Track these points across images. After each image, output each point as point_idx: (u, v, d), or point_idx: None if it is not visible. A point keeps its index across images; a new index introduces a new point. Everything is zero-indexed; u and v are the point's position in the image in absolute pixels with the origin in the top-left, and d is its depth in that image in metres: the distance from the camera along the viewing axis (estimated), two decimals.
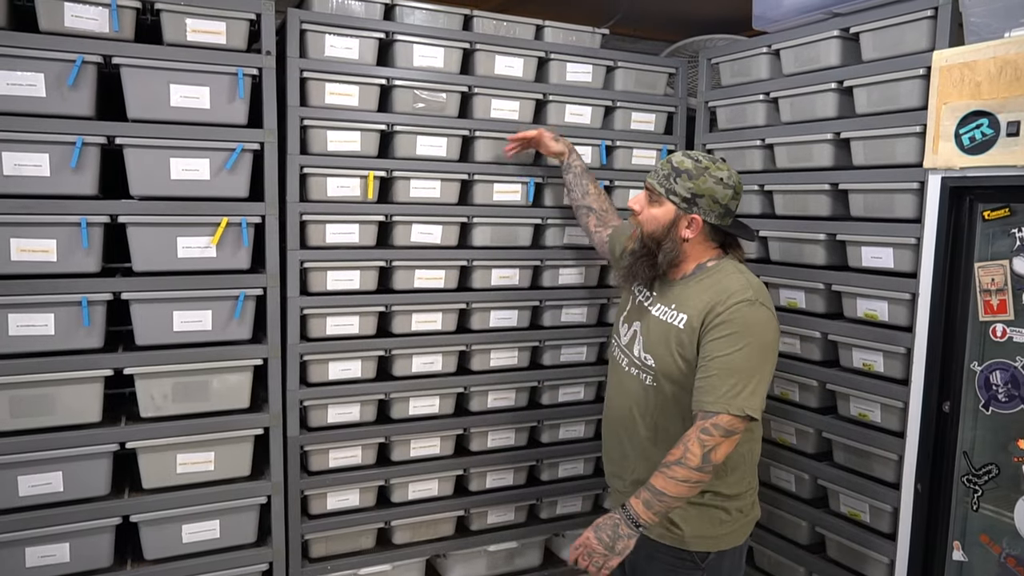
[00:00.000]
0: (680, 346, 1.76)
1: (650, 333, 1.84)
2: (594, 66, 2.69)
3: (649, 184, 1.84)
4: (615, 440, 1.96)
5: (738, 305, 1.70)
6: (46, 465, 2.04)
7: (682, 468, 1.65)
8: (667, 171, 1.81)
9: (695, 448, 1.65)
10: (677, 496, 1.66)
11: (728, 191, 1.79)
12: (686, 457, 1.65)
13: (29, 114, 1.96)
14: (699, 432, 1.66)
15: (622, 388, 1.92)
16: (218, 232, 2.15)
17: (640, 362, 1.86)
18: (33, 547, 2.04)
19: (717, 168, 1.79)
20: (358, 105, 2.35)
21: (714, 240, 1.85)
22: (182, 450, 2.18)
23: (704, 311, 1.73)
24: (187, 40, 2.11)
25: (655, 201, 1.82)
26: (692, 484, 1.66)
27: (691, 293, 1.79)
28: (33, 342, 2.01)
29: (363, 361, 2.42)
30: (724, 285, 1.76)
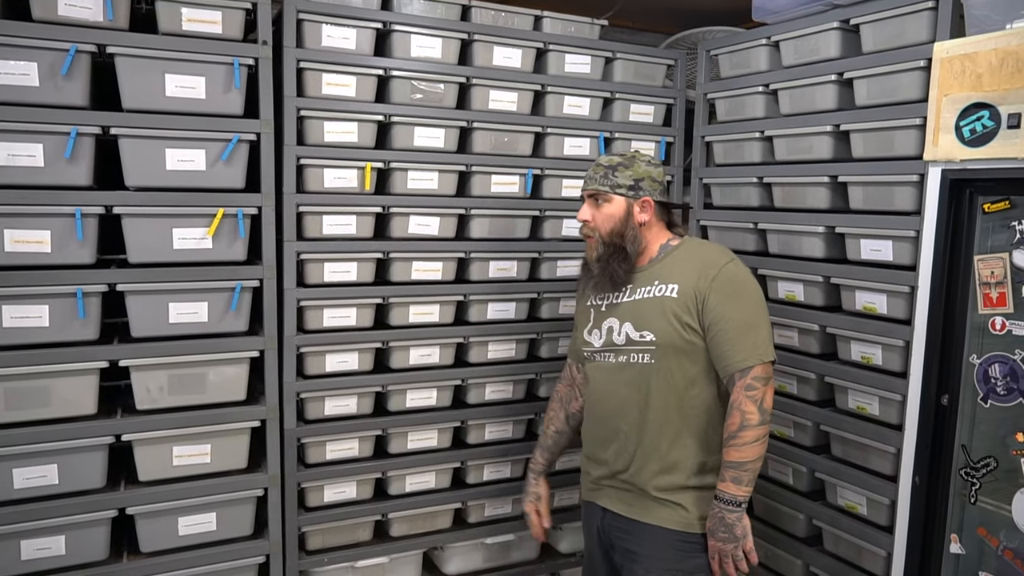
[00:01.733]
0: (678, 312, 1.82)
1: (640, 313, 1.87)
2: (593, 57, 2.67)
3: (591, 190, 1.91)
4: (611, 436, 1.94)
5: (726, 267, 1.82)
6: (41, 457, 2.03)
7: (749, 430, 1.75)
8: (602, 172, 1.90)
9: (749, 407, 1.75)
10: (757, 458, 1.77)
11: (659, 169, 1.94)
12: (746, 419, 1.75)
13: (22, 104, 1.93)
14: (744, 391, 1.76)
15: (615, 383, 1.92)
16: (214, 223, 2.14)
17: (637, 343, 1.87)
18: (28, 540, 2.03)
19: (640, 153, 1.95)
20: (355, 96, 2.33)
21: (663, 217, 1.96)
22: (178, 442, 2.17)
23: (696, 279, 1.82)
24: (182, 29, 2.09)
25: (603, 202, 1.90)
26: (763, 439, 1.77)
27: (670, 266, 1.88)
28: (27, 334, 2.00)
29: (360, 353, 2.41)
30: (702, 253, 1.88)
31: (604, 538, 1.99)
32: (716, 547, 1.81)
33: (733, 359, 1.78)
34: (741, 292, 1.82)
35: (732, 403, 1.78)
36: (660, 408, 1.86)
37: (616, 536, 1.95)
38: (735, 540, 1.78)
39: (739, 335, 1.78)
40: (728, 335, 1.78)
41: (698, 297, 1.81)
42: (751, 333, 1.78)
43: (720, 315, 1.79)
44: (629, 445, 1.90)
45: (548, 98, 2.61)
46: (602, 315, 1.96)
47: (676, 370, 1.84)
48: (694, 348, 1.83)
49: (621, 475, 1.92)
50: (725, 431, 1.79)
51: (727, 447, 1.78)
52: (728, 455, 1.77)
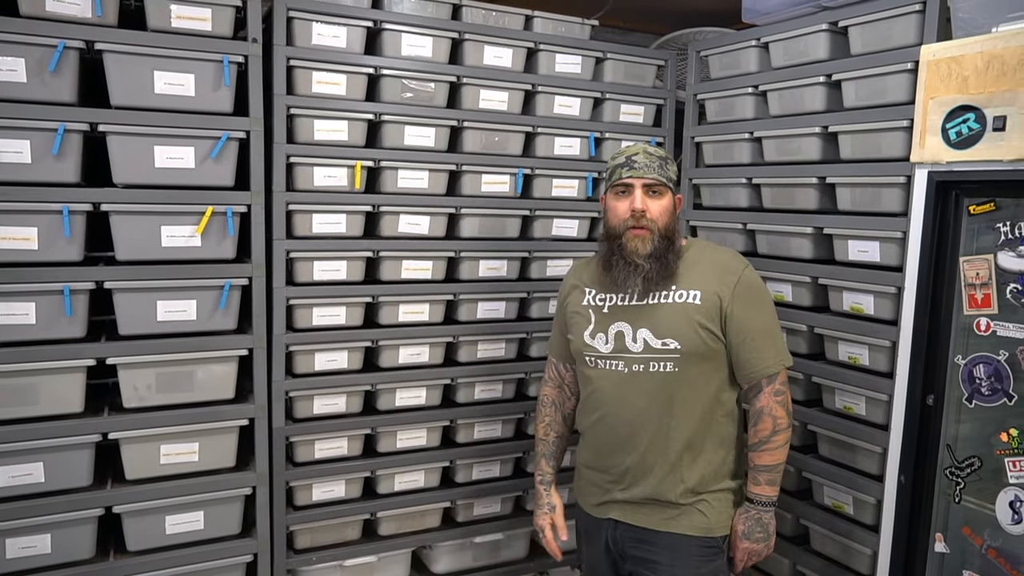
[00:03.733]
0: (702, 320, 1.80)
1: (660, 320, 1.81)
2: (583, 57, 2.68)
3: (651, 179, 1.81)
4: (628, 447, 1.86)
5: (744, 272, 1.83)
6: (27, 455, 2.01)
7: (781, 434, 1.80)
8: (657, 163, 1.84)
9: (779, 411, 1.80)
10: (786, 459, 1.84)
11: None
12: (778, 424, 1.80)
13: (9, 100, 1.92)
14: (773, 396, 1.80)
15: (631, 392, 1.83)
16: (203, 221, 2.13)
17: (658, 351, 1.81)
18: (14, 538, 2.02)
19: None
20: (345, 94, 2.33)
21: None
22: (166, 441, 2.16)
23: (717, 285, 1.81)
24: (172, 26, 2.08)
25: (657, 194, 1.83)
26: (789, 441, 1.84)
27: (687, 272, 1.84)
28: (14, 331, 1.98)
29: (349, 352, 2.41)
30: (717, 257, 1.88)
31: (615, 549, 1.92)
32: (750, 549, 1.85)
33: (759, 366, 1.80)
34: (761, 298, 1.84)
35: (761, 409, 1.81)
36: (685, 418, 1.82)
37: (630, 546, 1.89)
38: (768, 539, 1.85)
39: (764, 342, 1.80)
40: (754, 343, 1.79)
41: (722, 305, 1.80)
42: (773, 339, 1.82)
43: (744, 323, 1.79)
44: (650, 457, 1.83)
45: (539, 98, 2.62)
46: (606, 317, 1.87)
47: (699, 378, 1.82)
48: (717, 355, 1.82)
49: (639, 486, 1.85)
50: (754, 436, 1.82)
51: (759, 451, 1.81)
52: (761, 459, 1.81)
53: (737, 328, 1.80)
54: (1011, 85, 1.78)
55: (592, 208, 2.74)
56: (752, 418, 1.83)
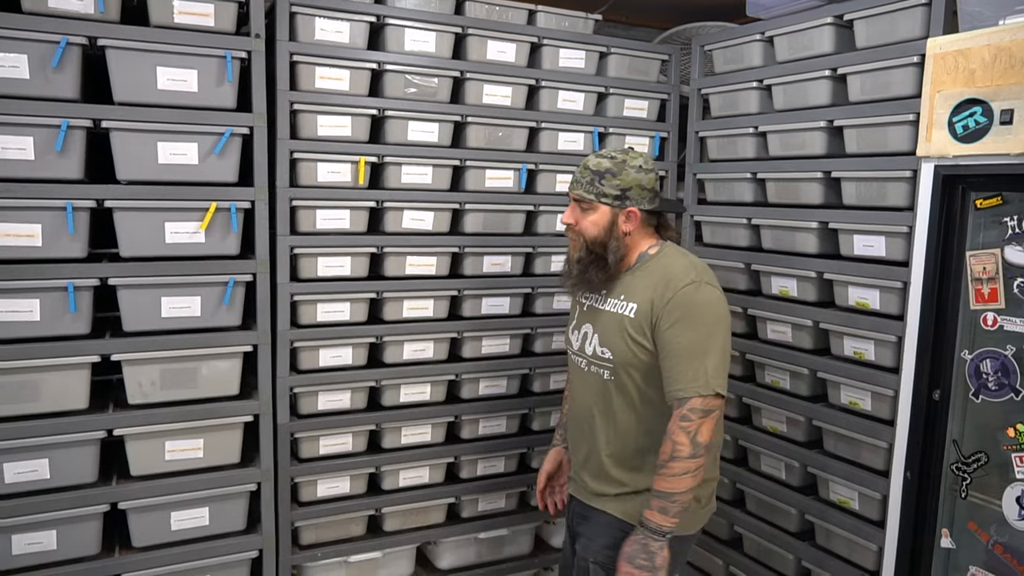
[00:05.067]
0: (633, 333, 1.79)
1: (605, 328, 1.86)
2: (587, 52, 2.67)
3: (577, 195, 1.85)
4: (580, 435, 1.97)
5: (684, 289, 1.74)
6: (32, 452, 2.02)
7: (677, 462, 1.70)
8: (589, 177, 1.83)
9: (681, 438, 1.70)
10: (685, 489, 1.71)
11: (650, 175, 1.85)
12: (676, 450, 1.70)
13: (12, 96, 1.92)
14: (679, 421, 1.71)
15: (583, 387, 1.94)
16: (207, 217, 2.13)
17: (598, 358, 1.87)
18: (20, 534, 2.02)
19: (632, 158, 1.84)
20: (349, 90, 2.32)
21: (650, 225, 1.90)
22: (171, 437, 2.17)
23: (652, 299, 1.77)
24: (174, 22, 2.07)
25: (588, 209, 1.84)
26: (693, 473, 1.71)
27: (637, 282, 1.83)
28: (18, 328, 1.98)
29: (354, 348, 2.41)
30: (668, 271, 1.80)
31: (571, 526, 2.03)
32: (629, 573, 1.72)
33: (672, 387, 1.73)
34: (693, 316, 1.73)
35: (667, 431, 1.73)
36: (619, 423, 1.86)
37: (577, 522, 1.98)
38: (653, 570, 1.71)
39: (681, 362, 1.71)
40: (670, 361, 1.73)
41: (652, 317, 1.76)
42: (694, 362, 1.70)
43: (667, 339, 1.74)
44: (594, 450, 1.92)
45: (542, 93, 2.61)
46: (583, 316, 1.96)
47: (631, 388, 1.83)
48: (649, 368, 1.80)
49: (587, 472, 1.95)
50: (658, 458, 1.74)
51: (657, 475, 1.73)
52: (657, 483, 1.72)
53: (660, 344, 1.75)
54: (1018, 78, 1.77)
55: None
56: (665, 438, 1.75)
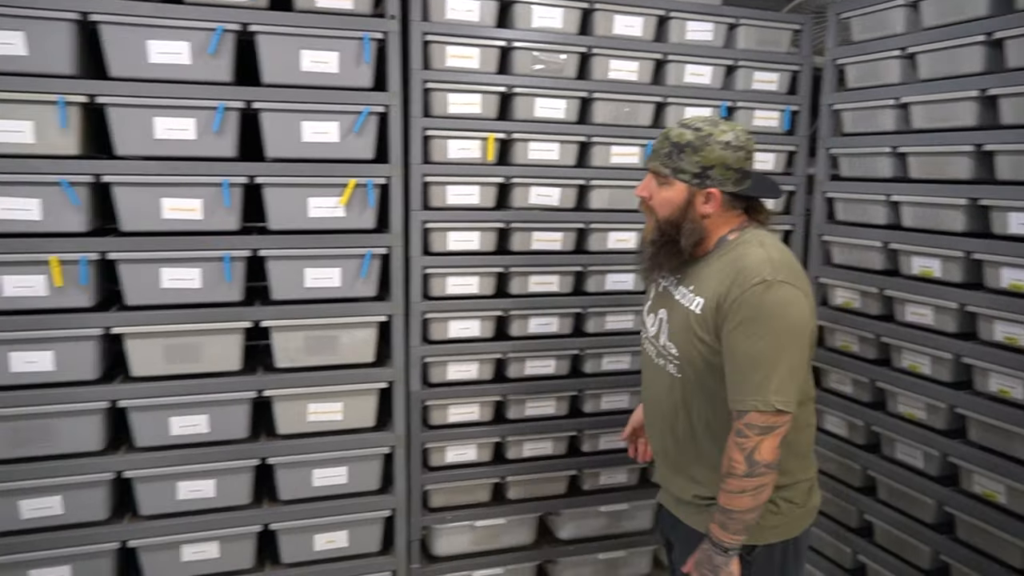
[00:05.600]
0: (699, 332, 1.61)
1: (673, 320, 1.69)
2: (715, 24, 2.61)
3: (653, 167, 1.67)
4: (652, 429, 1.84)
5: (753, 288, 1.52)
6: (194, 408, 2.20)
7: (733, 479, 1.54)
8: (667, 149, 1.64)
9: (735, 454, 1.54)
10: (745, 508, 1.55)
11: (739, 153, 1.61)
12: (731, 467, 1.54)
13: (176, 81, 2.08)
14: (735, 436, 1.54)
15: (654, 381, 1.78)
16: (346, 193, 2.24)
17: (666, 352, 1.71)
18: (184, 482, 2.22)
19: (721, 132, 1.61)
20: (478, 68, 2.38)
21: (736, 207, 1.67)
22: (313, 400, 2.31)
23: (720, 294, 1.57)
24: (316, 6, 2.18)
25: (664, 183, 1.65)
26: (752, 491, 1.54)
27: (710, 272, 1.63)
28: (182, 295, 2.16)
29: (482, 321, 2.48)
30: (740, 264, 1.57)
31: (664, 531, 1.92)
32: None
33: (732, 397, 1.55)
34: (760, 320, 1.51)
35: (725, 445, 1.58)
36: (691, 425, 1.69)
37: (667, 527, 1.88)
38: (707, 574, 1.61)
39: (742, 371, 1.53)
40: (731, 368, 1.55)
41: (719, 316, 1.57)
42: (756, 373, 1.51)
43: (730, 343, 1.55)
44: (666, 446, 1.78)
45: (669, 67, 2.57)
46: (659, 298, 1.77)
47: (699, 389, 1.65)
48: (712, 368, 1.61)
49: (665, 467, 1.82)
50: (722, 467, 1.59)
51: (720, 487, 1.58)
52: (719, 497, 1.58)
53: (724, 347, 1.57)
54: None
55: None
56: None
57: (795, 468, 1.68)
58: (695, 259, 1.68)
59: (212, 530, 2.26)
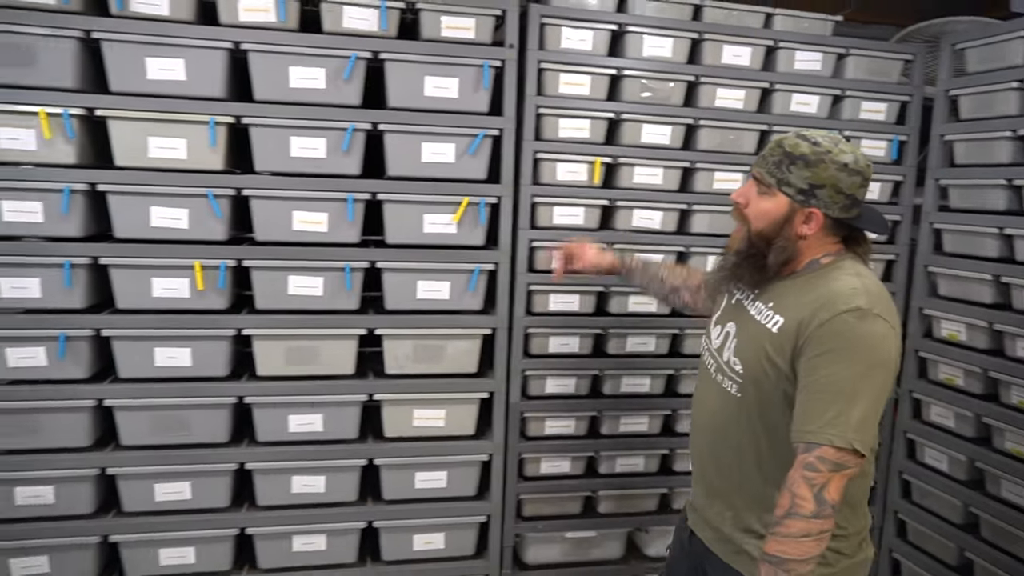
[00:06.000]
0: (771, 352, 1.49)
1: (744, 336, 1.57)
2: (824, 54, 2.63)
3: (757, 173, 1.55)
4: (699, 452, 1.71)
5: (844, 315, 1.40)
6: (311, 408, 2.36)
7: (797, 521, 1.35)
8: (777, 157, 1.51)
9: (803, 490, 1.36)
10: (804, 557, 1.35)
11: (855, 178, 1.48)
12: (796, 505, 1.35)
13: (312, 104, 2.25)
14: (803, 469, 1.37)
15: (707, 397, 1.66)
16: (459, 211, 2.36)
17: (728, 368, 1.59)
18: (298, 476, 2.38)
19: (840, 152, 1.48)
20: (589, 94, 2.47)
21: (836, 234, 1.55)
22: (419, 406, 2.43)
23: (803, 317, 1.44)
24: (441, 36, 2.32)
25: (764, 193, 1.53)
26: (816, 536, 1.35)
27: (795, 293, 1.51)
28: (306, 301, 2.32)
29: (581, 338, 2.56)
30: (832, 288, 1.46)
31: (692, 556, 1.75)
32: None
33: (804, 427, 1.39)
34: (850, 351, 1.39)
35: (785, 481, 1.40)
36: (744, 454, 1.57)
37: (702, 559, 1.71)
38: None
39: (822, 400, 1.38)
40: (808, 395, 1.40)
41: (798, 340, 1.44)
42: (837, 404, 1.36)
43: (811, 369, 1.41)
44: (709, 469, 1.67)
45: (775, 96, 2.61)
46: (730, 310, 1.66)
47: (756, 411, 1.53)
48: (775, 395, 1.49)
49: (703, 493, 1.71)
50: (773, 514, 1.41)
51: (769, 533, 1.39)
52: (768, 545, 1.38)
53: (802, 373, 1.43)
54: None
55: None
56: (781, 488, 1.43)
57: (848, 518, 1.53)
58: (779, 277, 1.57)
59: (321, 523, 2.41)
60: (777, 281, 1.56)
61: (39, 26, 2.04)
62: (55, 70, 2.08)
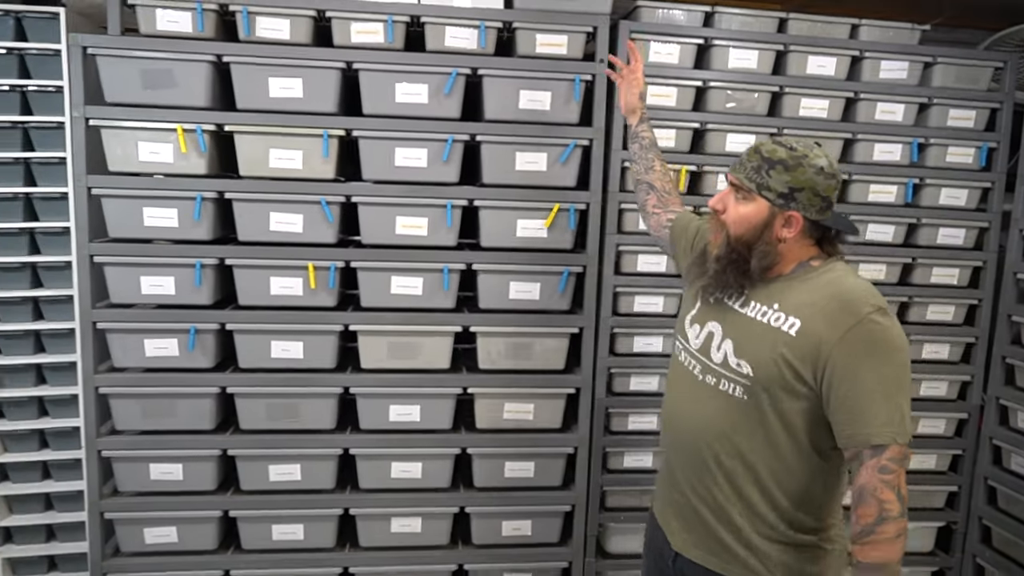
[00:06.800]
0: (789, 357, 1.46)
1: (745, 336, 1.53)
2: (910, 63, 2.66)
3: (735, 179, 1.55)
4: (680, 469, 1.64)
5: (874, 315, 1.43)
6: (410, 399, 2.54)
7: (889, 524, 1.38)
8: (756, 163, 1.52)
9: (887, 495, 1.38)
10: (899, 559, 1.40)
11: (831, 181, 1.51)
12: (886, 511, 1.38)
13: (414, 117, 2.43)
14: (879, 474, 1.38)
15: (693, 400, 1.61)
16: (550, 216, 2.50)
17: (727, 370, 1.54)
18: (398, 463, 2.56)
19: (815, 156, 1.51)
20: (675, 105, 2.58)
21: (812, 236, 1.56)
22: (509, 399, 2.58)
23: (826, 324, 1.44)
24: (535, 52, 2.46)
25: (743, 198, 1.54)
26: (904, 535, 1.40)
27: (799, 293, 1.51)
28: (406, 300, 2.50)
29: (664, 337, 2.66)
30: (841, 291, 1.47)
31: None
32: None
33: (860, 430, 1.40)
34: (883, 352, 1.42)
35: (863, 488, 1.40)
36: (739, 454, 1.54)
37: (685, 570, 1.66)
38: None
39: (875, 401, 1.39)
40: (858, 400, 1.41)
41: (823, 349, 1.43)
42: (889, 402, 1.39)
43: (850, 374, 1.41)
44: (706, 479, 1.58)
45: (860, 104, 2.65)
46: (709, 310, 1.62)
47: (773, 413, 1.49)
48: (799, 395, 1.47)
49: (683, 527, 1.64)
50: (856, 523, 1.42)
51: (861, 545, 1.40)
52: (864, 554, 1.39)
53: (838, 379, 1.42)
54: None
55: (911, 214, 2.72)
56: (854, 499, 1.42)
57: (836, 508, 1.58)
58: (766, 279, 1.56)
59: (417, 507, 2.59)
60: (769, 283, 1.56)
61: (179, 52, 2.28)
62: (190, 91, 2.32)
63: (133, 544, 2.50)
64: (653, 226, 2.02)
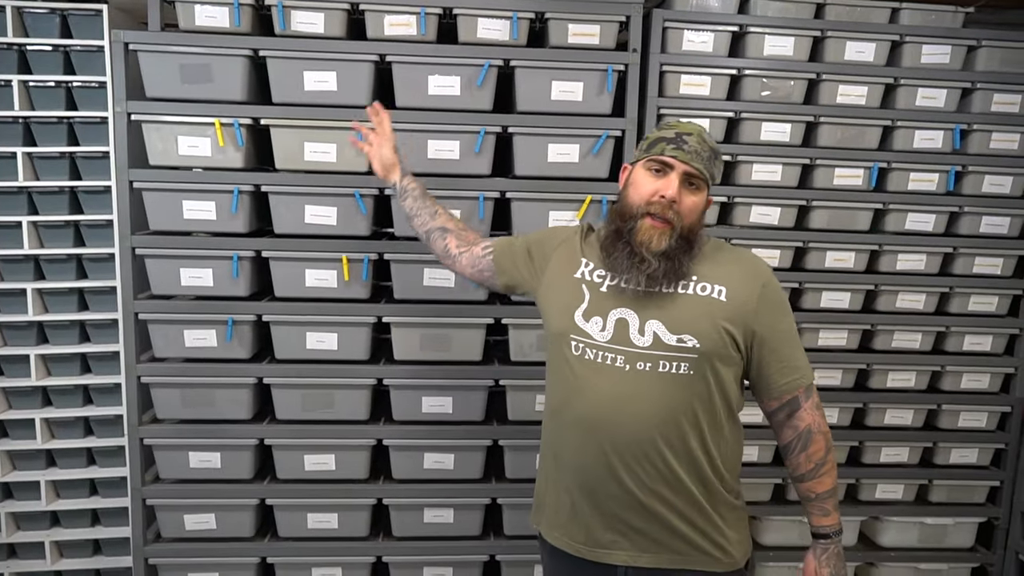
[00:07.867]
0: (724, 321, 1.53)
1: (678, 312, 1.54)
2: (953, 47, 2.59)
3: (697, 170, 1.55)
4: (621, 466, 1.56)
5: (771, 277, 1.62)
6: (442, 391, 2.55)
7: (832, 452, 1.63)
8: (708, 153, 1.58)
9: (824, 425, 1.62)
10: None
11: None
12: (829, 440, 1.62)
13: (447, 109, 2.43)
14: (816, 410, 1.61)
15: (632, 395, 1.54)
16: (582, 208, 2.49)
17: (663, 350, 1.53)
18: (429, 453, 2.57)
19: None
20: (709, 94, 2.54)
21: None
22: (541, 392, 2.58)
23: (744, 286, 1.56)
24: (567, 43, 2.45)
25: (693, 188, 1.57)
26: None
27: (711, 265, 1.59)
28: (439, 292, 2.51)
29: None
30: (741, 255, 1.67)
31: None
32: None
33: (792, 376, 1.58)
34: (786, 304, 1.63)
35: (809, 427, 1.59)
36: (699, 428, 1.55)
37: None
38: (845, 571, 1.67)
39: (795, 349, 1.60)
40: (785, 351, 1.58)
41: (747, 310, 1.55)
42: (800, 348, 1.62)
43: (774, 328, 1.57)
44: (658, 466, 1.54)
45: (900, 90, 2.59)
46: (604, 298, 1.59)
47: (715, 384, 1.55)
48: (733, 361, 1.56)
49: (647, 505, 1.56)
50: (808, 461, 1.60)
51: (819, 477, 1.61)
52: (820, 485, 1.62)
53: (765, 334, 1.56)
54: None
55: (953, 203, 2.65)
56: (799, 441, 1.60)
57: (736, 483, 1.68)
58: None
59: (448, 498, 2.60)
60: None
61: (217, 47, 2.31)
62: (228, 85, 2.35)
63: (174, 530, 2.56)
64: (467, 264, 1.92)
